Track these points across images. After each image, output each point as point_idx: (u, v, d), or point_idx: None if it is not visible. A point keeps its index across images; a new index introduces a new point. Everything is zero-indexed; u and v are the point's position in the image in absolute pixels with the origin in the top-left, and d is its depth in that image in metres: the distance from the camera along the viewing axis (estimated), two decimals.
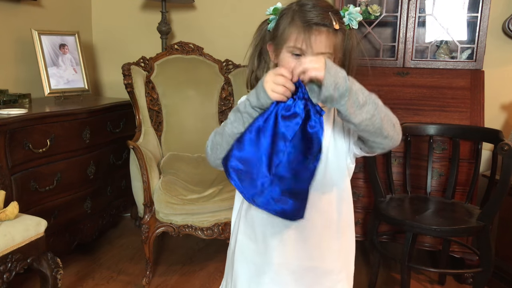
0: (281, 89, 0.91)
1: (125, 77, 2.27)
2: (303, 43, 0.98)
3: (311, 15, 0.98)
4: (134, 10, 3.11)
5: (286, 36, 1.01)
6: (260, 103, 0.93)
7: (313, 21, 0.97)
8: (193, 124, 2.59)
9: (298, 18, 1.00)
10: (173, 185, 2.12)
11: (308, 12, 0.99)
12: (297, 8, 1.01)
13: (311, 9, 0.99)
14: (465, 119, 2.21)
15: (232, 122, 0.99)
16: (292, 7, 1.03)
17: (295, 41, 0.99)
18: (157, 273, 2.27)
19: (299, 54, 0.99)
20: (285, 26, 1.02)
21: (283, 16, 1.04)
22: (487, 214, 1.77)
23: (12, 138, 1.81)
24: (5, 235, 1.49)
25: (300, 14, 0.99)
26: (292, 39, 0.99)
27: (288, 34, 1.00)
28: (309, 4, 1.01)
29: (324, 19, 0.98)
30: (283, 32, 1.02)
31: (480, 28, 2.28)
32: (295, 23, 1.00)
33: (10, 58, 2.52)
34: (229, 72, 2.71)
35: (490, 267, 1.80)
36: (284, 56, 1.02)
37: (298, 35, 0.99)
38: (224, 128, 1.01)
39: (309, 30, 0.97)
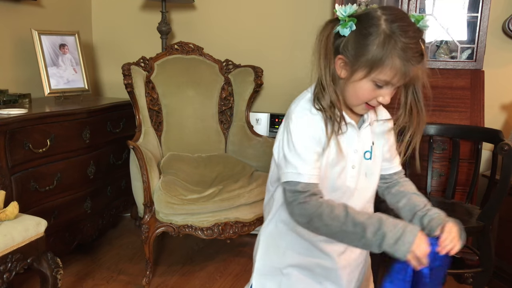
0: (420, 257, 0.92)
1: (125, 77, 2.27)
2: (399, 81, 0.95)
3: (412, 52, 0.91)
4: (134, 10, 3.11)
5: (380, 69, 0.93)
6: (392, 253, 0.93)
7: (414, 62, 0.92)
8: (193, 124, 2.59)
9: (397, 52, 0.91)
10: (173, 185, 2.12)
11: (409, 47, 0.91)
12: (393, 32, 0.91)
13: (408, 41, 0.91)
14: (465, 119, 2.21)
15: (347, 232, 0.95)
16: (381, 26, 0.92)
17: (391, 78, 0.94)
18: (157, 273, 2.27)
19: (382, 86, 0.96)
20: (379, 54, 0.91)
21: (371, 36, 0.92)
22: (487, 214, 1.77)
23: (12, 138, 1.81)
24: (5, 235, 1.49)
25: (400, 47, 0.91)
26: (386, 74, 0.93)
27: (383, 68, 0.92)
28: (409, 31, 0.91)
29: (422, 57, 0.93)
30: (375, 63, 0.92)
31: (480, 28, 2.28)
32: (393, 57, 0.91)
33: (10, 58, 2.52)
34: (229, 72, 2.71)
35: (490, 267, 1.80)
36: (365, 85, 0.96)
37: (397, 73, 0.93)
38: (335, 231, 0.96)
39: (409, 71, 0.93)
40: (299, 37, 2.85)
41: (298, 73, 2.88)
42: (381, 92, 0.97)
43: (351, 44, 0.95)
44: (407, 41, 0.90)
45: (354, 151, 1.07)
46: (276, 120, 2.79)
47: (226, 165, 2.43)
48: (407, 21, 0.93)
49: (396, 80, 0.95)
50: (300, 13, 2.84)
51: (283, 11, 2.88)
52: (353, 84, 0.97)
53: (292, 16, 2.86)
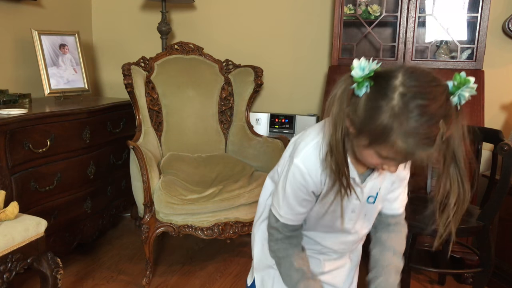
0: None
1: (125, 77, 2.27)
2: (403, 160, 0.88)
3: (418, 138, 0.79)
4: (134, 10, 3.11)
5: (381, 145, 0.84)
6: None
7: (420, 148, 0.80)
8: (193, 124, 2.59)
9: (401, 137, 0.80)
10: (173, 185, 2.12)
11: (417, 134, 0.79)
12: (403, 113, 0.79)
13: (418, 123, 0.78)
14: None
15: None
16: (393, 99, 0.80)
17: (393, 155, 0.85)
18: (157, 273, 2.27)
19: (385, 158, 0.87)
20: (382, 132, 0.81)
21: (379, 108, 0.81)
22: (487, 214, 1.77)
23: (12, 138, 1.81)
24: (5, 235, 1.49)
25: (403, 131, 0.79)
26: (387, 151, 0.84)
27: (384, 144, 0.83)
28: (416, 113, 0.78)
29: (433, 141, 0.80)
30: (377, 138, 0.83)
31: (480, 28, 2.28)
32: (396, 139, 0.80)
33: (10, 58, 2.52)
34: (229, 72, 2.71)
35: (490, 267, 1.80)
36: (369, 153, 0.88)
37: (397, 154, 0.83)
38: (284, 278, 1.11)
39: (411, 155, 0.82)
40: (299, 37, 2.85)
41: (298, 73, 2.88)
42: (386, 162, 0.89)
43: (361, 109, 0.84)
44: (415, 126, 0.79)
45: (356, 199, 1.04)
46: (276, 120, 2.79)
47: (226, 165, 2.43)
48: (428, 98, 0.80)
49: (400, 159, 0.87)
50: (300, 13, 2.84)
51: (283, 11, 2.88)
52: (359, 147, 0.90)
53: (292, 16, 2.86)
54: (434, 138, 0.79)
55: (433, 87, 0.82)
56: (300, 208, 1.06)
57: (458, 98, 0.84)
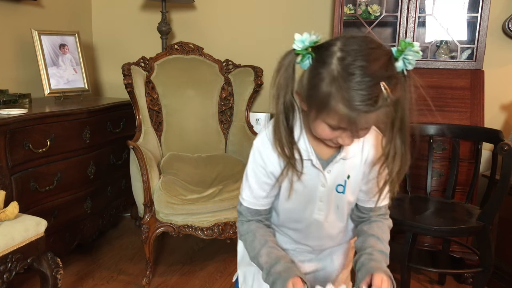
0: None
1: (125, 77, 2.27)
2: (346, 126, 0.85)
3: (359, 98, 0.78)
4: (134, 10, 3.11)
5: (326, 112, 0.84)
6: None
7: (361, 109, 0.79)
8: (193, 124, 2.59)
9: (342, 100, 0.80)
10: (173, 185, 2.12)
11: (355, 93, 0.78)
12: (340, 77, 0.80)
13: (358, 85, 0.78)
14: (465, 119, 2.21)
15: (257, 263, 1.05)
16: (331, 66, 0.81)
17: (337, 123, 0.84)
18: (157, 273, 2.27)
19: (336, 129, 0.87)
20: (326, 99, 0.82)
21: (320, 77, 0.82)
22: (487, 214, 1.77)
23: (12, 138, 1.81)
24: (5, 235, 1.49)
25: (344, 95, 0.79)
26: (332, 118, 0.84)
27: (329, 111, 0.83)
28: (355, 74, 0.79)
29: (375, 103, 0.79)
30: (322, 106, 0.83)
31: (480, 28, 2.28)
32: (338, 105, 0.80)
33: (10, 58, 2.52)
34: (229, 72, 2.71)
35: (490, 267, 1.80)
36: (321, 125, 0.88)
37: (341, 118, 0.82)
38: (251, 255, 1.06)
39: (355, 117, 0.81)
40: None
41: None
42: (338, 134, 0.88)
43: (305, 81, 0.87)
44: (355, 87, 0.78)
45: (322, 185, 1.03)
46: None
47: (226, 165, 2.43)
48: (368, 59, 0.80)
49: (345, 127, 0.84)
50: (301, 13, 2.84)
51: (283, 11, 2.88)
52: (312, 121, 0.89)
53: (292, 16, 2.86)
54: (375, 100, 0.79)
55: (372, 49, 0.82)
56: (261, 192, 1.04)
57: (403, 62, 0.83)
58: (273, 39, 2.91)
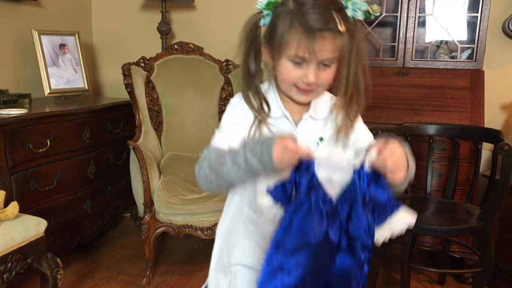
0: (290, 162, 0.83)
1: (125, 77, 2.27)
2: (305, 52, 0.89)
3: (313, 18, 0.87)
4: (134, 10, 3.11)
5: (285, 43, 0.90)
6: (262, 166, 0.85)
7: (315, 26, 0.87)
8: (193, 124, 2.59)
9: (298, 22, 0.88)
10: (173, 185, 2.12)
11: (309, 15, 0.87)
12: (295, 8, 0.90)
13: (311, 10, 0.88)
14: (465, 119, 2.21)
15: (230, 170, 0.90)
16: (288, 5, 0.92)
17: (297, 50, 0.89)
18: (157, 273, 2.27)
19: (301, 62, 0.92)
20: (283, 31, 0.90)
21: (279, 17, 0.93)
22: (487, 214, 1.77)
23: (12, 138, 1.81)
24: (5, 235, 1.49)
25: (300, 18, 0.88)
26: (292, 47, 0.90)
27: (288, 41, 0.90)
28: (308, 4, 0.89)
29: (328, 22, 0.87)
30: (282, 38, 0.91)
31: (480, 28, 2.28)
32: (294, 28, 0.88)
33: (10, 58, 2.52)
34: (229, 72, 2.71)
35: (490, 267, 1.80)
36: (285, 65, 0.93)
37: (300, 42, 0.88)
38: (220, 169, 0.93)
39: (312, 37, 0.87)
40: None
41: None
42: (304, 71, 0.92)
43: (267, 30, 0.97)
44: (307, 9, 0.88)
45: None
46: None
47: None
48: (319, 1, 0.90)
49: (304, 53, 0.89)
50: None
51: None
52: (278, 69, 0.96)
53: None
54: (328, 21, 0.87)
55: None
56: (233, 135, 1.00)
57: (352, 11, 0.91)
58: None
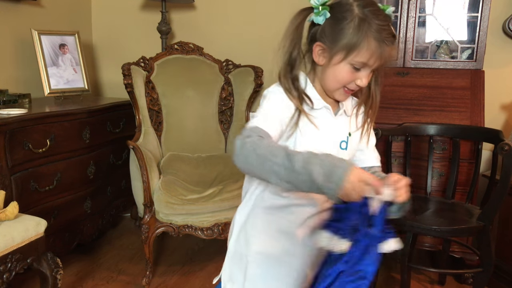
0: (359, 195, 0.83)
1: (125, 77, 2.27)
2: (375, 62, 0.98)
3: (387, 33, 0.96)
4: (134, 10, 3.11)
5: (356, 51, 0.97)
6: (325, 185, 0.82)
7: (389, 42, 0.97)
8: (193, 124, 2.59)
9: (372, 34, 0.95)
10: (173, 185, 2.12)
11: (383, 29, 0.96)
12: (367, 17, 0.96)
13: (384, 23, 0.96)
14: (465, 119, 2.21)
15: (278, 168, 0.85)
16: (354, 10, 0.97)
17: (368, 59, 0.97)
18: (157, 273, 2.27)
19: (359, 68, 0.99)
20: (355, 37, 0.96)
21: (345, 20, 0.97)
22: (487, 214, 1.77)
23: (12, 138, 1.81)
24: (5, 235, 1.49)
25: (375, 31, 0.95)
26: (363, 55, 0.97)
27: (360, 49, 0.96)
28: (379, 15, 0.96)
29: (394, 37, 0.98)
30: (352, 45, 0.96)
31: (480, 28, 2.28)
32: (369, 40, 0.95)
33: (10, 58, 2.52)
34: (229, 72, 2.71)
35: (490, 267, 1.80)
36: (344, 67, 0.99)
37: (373, 54, 0.97)
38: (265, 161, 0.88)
39: (384, 51, 0.97)
40: None
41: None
42: (359, 75, 1.00)
43: (328, 30, 0.99)
44: (380, 23, 0.95)
45: (329, 136, 1.08)
46: None
47: (226, 165, 2.43)
48: (377, 7, 0.98)
49: (373, 62, 0.98)
50: None
51: (283, 11, 2.87)
52: (333, 69, 1.00)
53: (292, 15, 2.85)
54: (394, 34, 0.97)
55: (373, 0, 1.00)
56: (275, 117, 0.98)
57: None
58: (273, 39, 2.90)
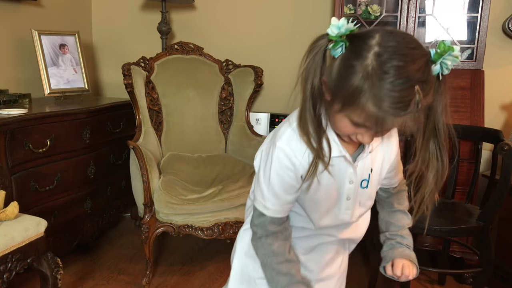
0: None
1: (125, 77, 2.27)
2: (371, 127, 0.80)
3: (391, 100, 0.74)
4: (134, 10, 3.11)
5: (352, 107, 0.78)
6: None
7: (391, 112, 0.75)
8: (193, 124, 2.59)
9: (373, 98, 0.74)
10: (173, 185, 2.12)
11: (388, 95, 0.74)
12: (374, 72, 0.74)
13: (392, 86, 0.73)
14: (465, 119, 2.21)
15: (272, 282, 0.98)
16: (367, 58, 0.75)
17: (364, 121, 0.79)
18: (157, 273, 2.27)
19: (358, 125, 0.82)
20: (355, 93, 0.76)
21: (352, 67, 0.76)
22: (487, 214, 1.77)
23: (12, 138, 1.81)
24: (5, 235, 1.49)
25: (376, 93, 0.74)
26: (358, 115, 0.78)
27: (355, 107, 0.77)
28: (389, 73, 0.73)
29: (407, 107, 0.75)
30: (349, 98, 0.77)
31: (480, 28, 2.28)
32: (367, 101, 0.75)
33: (10, 58, 2.52)
34: (229, 72, 2.71)
35: (490, 267, 1.80)
36: (343, 120, 0.82)
37: (368, 118, 0.77)
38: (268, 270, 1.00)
39: (384, 120, 0.77)
40: (299, 36, 2.85)
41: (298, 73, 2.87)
42: (360, 131, 0.83)
43: (335, 70, 0.80)
44: (388, 87, 0.73)
45: (349, 181, 0.97)
46: (276, 120, 2.79)
47: (226, 165, 2.43)
48: (405, 60, 0.74)
49: (370, 126, 0.79)
50: (301, 12, 2.84)
51: (283, 11, 2.88)
52: (333, 115, 0.84)
53: (292, 15, 2.86)
54: (408, 103, 0.75)
55: (411, 49, 0.76)
56: (288, 196, 0.95)
57: (440, 66, 0.79)
58: (273, 39, 2.91)
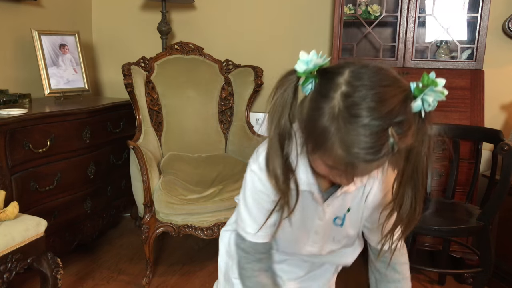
0: None
1: (125, 77, 2.27)
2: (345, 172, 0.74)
3: (360, 146, 0.66)
4: (134, 10, 3.11)
5: (322, 149, 0.71)
6: None
7: (361, 158, 0.68)
8: (193, 124, 2.59)
9: (340, 143, 0.68)
10: (173, 185, 2.12)
11: (357, 140, 0.66)
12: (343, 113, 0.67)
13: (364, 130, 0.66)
14: (465, 119, 2.21)
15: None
16: (334, 99, 0.68)
17: (334, 164, 0.72)
18: (157, 273, 2.27)
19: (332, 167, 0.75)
20: (323, 135, 0.69)
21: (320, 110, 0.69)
22: (487, 214, 1.77)
23: (12, 138, 1.81)
24: (5, 235, 1.49)
25: (344, 137, 0.67)
26: (329, 159, 0.72)
27: (325, 150, 0.71)
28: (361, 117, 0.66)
29: (378, 152, 0.67)
30: (319, 140, 0.71)
31: (480, 28, 2.28)
32: (334, 145, 0.68)
33: (10, 58, 2.52)
34: (229, 72, 2.71)
35: (490, 267, 1.80)
36: (317, 162, 0.77)
37: (338, 161, 0.71)
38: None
39: (354, 163, 0.69)
40: (299, 37, 2.85)
41: None
42: (334, 173, 0.77)
43: (305, 110, 0.73)
44: (356, 132, 0.66)
45: (319, 218, 0.94)
46: None
47: (226, 165, 2.43)
48: (376, 100, 0.66)
49: (343, 170, 0.73)
50: (300, 13, 2.84)
51: (283, 11, 2.88)
52: (309, 153, 0.78)
53: (292, 16, 2.86)
54: (379, 148, 0.67)
55: (383, 87, 0.68)
56: (264, 218, 0.91)
57: (421, 103, 0.70)
58: (273, 39, 2.91)
